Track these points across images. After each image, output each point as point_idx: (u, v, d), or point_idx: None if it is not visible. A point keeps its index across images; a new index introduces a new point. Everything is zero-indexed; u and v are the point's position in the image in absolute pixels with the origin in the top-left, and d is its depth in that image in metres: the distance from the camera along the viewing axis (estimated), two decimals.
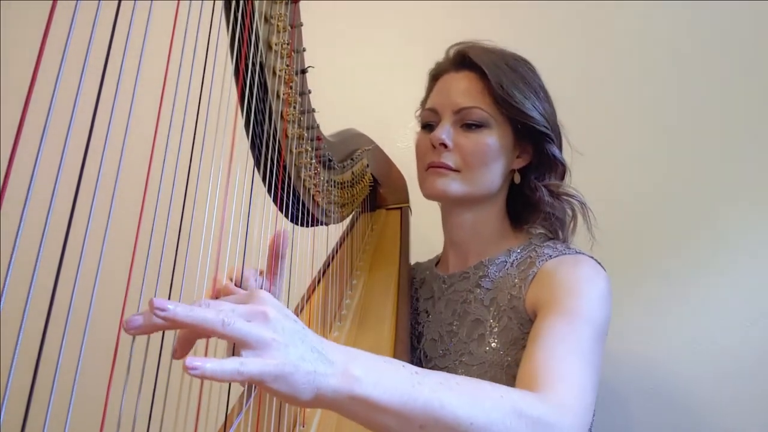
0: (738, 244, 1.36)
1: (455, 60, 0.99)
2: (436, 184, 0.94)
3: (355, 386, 0.49)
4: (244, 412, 0.74)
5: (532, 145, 0.96)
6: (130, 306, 0.48)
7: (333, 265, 1.07)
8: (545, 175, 0.96)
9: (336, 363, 0.49)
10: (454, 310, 0.96)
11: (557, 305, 0.79)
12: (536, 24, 1.56)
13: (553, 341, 0.74)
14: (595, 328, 0.77)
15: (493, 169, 0.94)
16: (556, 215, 0.95)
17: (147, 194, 0.50)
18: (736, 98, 1.42)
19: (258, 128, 0.73)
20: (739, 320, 1.33)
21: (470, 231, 0.99)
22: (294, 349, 0.47)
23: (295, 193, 0.86)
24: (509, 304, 0.88)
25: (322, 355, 0.49)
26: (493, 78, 0.92)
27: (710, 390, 1.32)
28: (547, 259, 0.89)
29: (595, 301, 0.81)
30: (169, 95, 0.51)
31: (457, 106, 0.94)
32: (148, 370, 0.49)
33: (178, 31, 0.52)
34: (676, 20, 1.48)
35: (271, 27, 0.72)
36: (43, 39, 0.35)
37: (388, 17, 1.66)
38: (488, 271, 0.94)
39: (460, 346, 0.91)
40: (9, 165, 0.35)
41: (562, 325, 0.76)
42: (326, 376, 0.48)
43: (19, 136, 0.35)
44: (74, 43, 0.39)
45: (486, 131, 0.93)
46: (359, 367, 0.50)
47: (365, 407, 0.50)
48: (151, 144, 0.51)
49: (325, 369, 0.48)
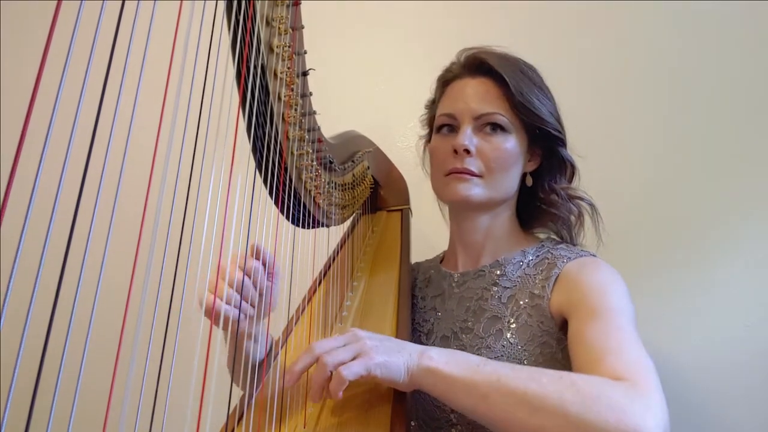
0: (742, 244, 1.36)
1: (470, 66, 0.99)
2: (459, 190, 0.94)
3: (430, 363, 0.69)
4: (246, 413, 0.74)
5: (542, 149, 0.98)
6: (132, 309, 0.48)
7: (334, 266, 1.07)
8: (556, 177, 0.99)
9: (415, 350, 0.71)
10: (468, 307, 0.96)
11: (591, 308, 0.80)
12: (537, 23, 1.56)
13: (603, 336, 0.75)
14: (630, 318, 0.79)
15: (512, 173, 0.96)
16: (564, 217, 0.97)
17: (149, 197, 0.50)
18: (742, 97, 1.42)
19: (259, 130, 0.74)
20: (741, 320, 1.33)
21: (484, 233, 1.00)
22: (383, 349, 0.70)
23: (297, 195, 0.86)
24: (530, 303, 0.89)
25: (403, 348, 0.71)
26: (513, 85, 0.93)
27: (712, 389, 1.32)
28: (566, 260, 0.90)
29: (624, 298, 0.83)
30: (170, 98, 0.51)
31: (477, 111, 0.94)
32: (150, 372, 0.49)
33: (179, 33, 0.52)
34: (677, 19, 1.48)
35: (273, 29, 0.72)
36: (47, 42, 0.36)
37: (389, 19, 1.67)
38: (506, 270, 0.95)
39: (476, 341, 0.91)
40: (13, 166, 0.35)
41: (603, 322, 0.77)
42: (411, 358, 0.70)
43: (22, 139, 0.35)
44: (76, 47, 0.39)
45: (507, 136, 0.94)
46: (433, 350, 0.71)
47: (441, 379, 0.68)
48: (153, 147, 0.51)
49: (408, 358, 0.70)
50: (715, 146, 1.42)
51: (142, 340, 0.47)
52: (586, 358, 0.73)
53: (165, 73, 0.52)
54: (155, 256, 0.49)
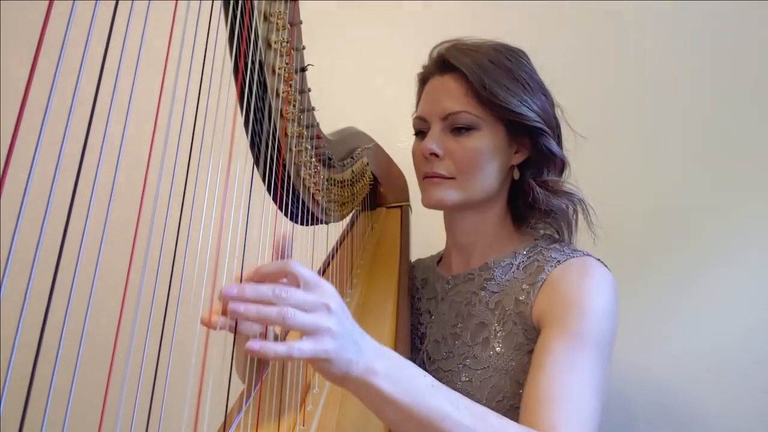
0: (741, 248, 1.36)
1: (437, 63, 0.96)
2: (431, 195, 0.93)
3: (372, 378, 0.58)
4: (244, 412, 0.74)
5: (529, 139, 0.93)
6: (129, 304, 0.47)
7: (333, 264, 1.07)
8: (543, 170, 0.94)
9: (366, 355, 0.59)
10: (458, 311, 0.94)
11: (563, 323, 0.79)
12: (540, 19, 1.56)
13: (559, 371, 0.74)
14: (600, 346, 0.78)
15: (488, 171, 0.92)
16: (555, 213, 0.93)
17: (146, 192, 0.50)
18: (744, 95, 1.41)
19: (257, 126, 0.73)
20: (739, 325, 1.33)
21: (474, 234, 0.98)
22: (341, 340, 0.57)
23: (295, 192, 0.85)
24: (515, 309, 0.87)
25: (359, 348, 0.58)
26: (474, 79, 0.89)
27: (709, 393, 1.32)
28: (555, 264, 0.87)
29: (602, 316, 0.80)
30: (168, 93, 0.51)
31: (443, 112, 0.92)
32: (146, 369, 0.49)
33: (177, 29, 0.51)
34: (679, 18, 1.47)
35: (271, 25, 0.72)
36: (40, 37, 0.35)
37: (388, 15, 1.66)
38: (494, 273, 0.93)
39: (464, 349, 0.90)
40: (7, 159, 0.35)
41: (567, 350, 0.76)
42: (357, 364, 0.57)
43: (16, 133, 0.35)
44: (72, 41, 0.39)
45: (475, 134, 0.91)
46: (383, 363, 0.59)
47: (377, 398, 0.59)
48: (149, 142, 0.51)
49: (357, 359, 0.58)
50: (715, 146, 1.42)
51: (138, 337, 0.46)
52: (535, 392, 0.74)
53: (162, 68, 0.52)
54: (152, 252, 0.49)
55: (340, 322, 0.57)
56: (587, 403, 0.72)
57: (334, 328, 0.56)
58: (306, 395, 0.78)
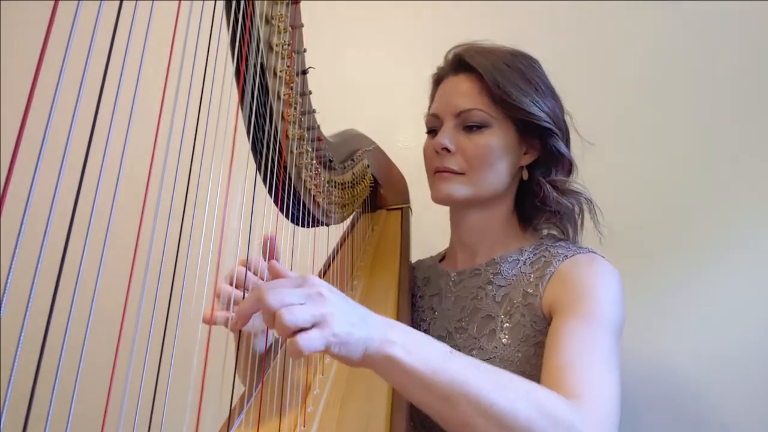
0: (741, 247, 1.36)
1: (453, 63, 0.99)
2: (441, 189, 0.95)
3: (391, 349, 0.57)
4: (245, 412, 0.74)
5: (539, 141, 0.95)
6: (131, 308, 0.48)
7: (334, 265, 1.07)
8: (551, 171, 0.96)
9: (377, 328, 0.58)
10: (463, 306, 0.96)
11: (576, 307, 0.80)
12: (542, 22, 1.56)
13: (577, 346, 0.74)
14: (613, 330, 0.78)
15: (497, 168, 0.94)
16: (562, 213, 0.95)
17: (148, 195, 0.50)
18: (744, 96, 1.42)
19: (259, 129, 0.73)
20: (739, 324, 1.33)
21: (480, 231, 0.99)
22: (345, 317, 0.56)
23: (296, 194, 0.86)
24: (524, 302, 0.89)
25: (367, 324, 0.58)
26: (488, 78, 0.92)
27: (709, 391, 1.32)
28: (563, 259, 0.90)
29: (612, 303, 0.82)
30: (169, 96, 0.51)
31: (456, 109, 0.94)
32: (149, 369, 0.49)
33: (178, 32, 0.52)
34: (679, 18, 1.48)
35: (272, 28, 0.72)
36: (44, 41, 0.36)
37: (389, 17, 1.67)
38: (501, 268, 0.95)
39: (469, 342, 0.91)
40: (11, 163, 0.35)
41: (583, 328, 0.77)
42: (371, 339, 0.57)
43: (20, 138, 0.35)
44: (75, 45, 0.39)
45: (487, 132, 0.93)
46: (396, 334, 0.59)
47: (399, 370, 0.58)
48: (152, 145, 0.51)
49: (370, 334, 0.57)
50: (716, 146, 1.42)
51: (141, 338, 0.47)
52: (555, 363, 0.73)
53: (164, 71, 0.52)
54: (154, 254, 0.49)
55: (337, 303, 0.57)
56: (609, 385, 0.71)
57: (333, 309, 0.56)
58: (307, 396, 0.78)
